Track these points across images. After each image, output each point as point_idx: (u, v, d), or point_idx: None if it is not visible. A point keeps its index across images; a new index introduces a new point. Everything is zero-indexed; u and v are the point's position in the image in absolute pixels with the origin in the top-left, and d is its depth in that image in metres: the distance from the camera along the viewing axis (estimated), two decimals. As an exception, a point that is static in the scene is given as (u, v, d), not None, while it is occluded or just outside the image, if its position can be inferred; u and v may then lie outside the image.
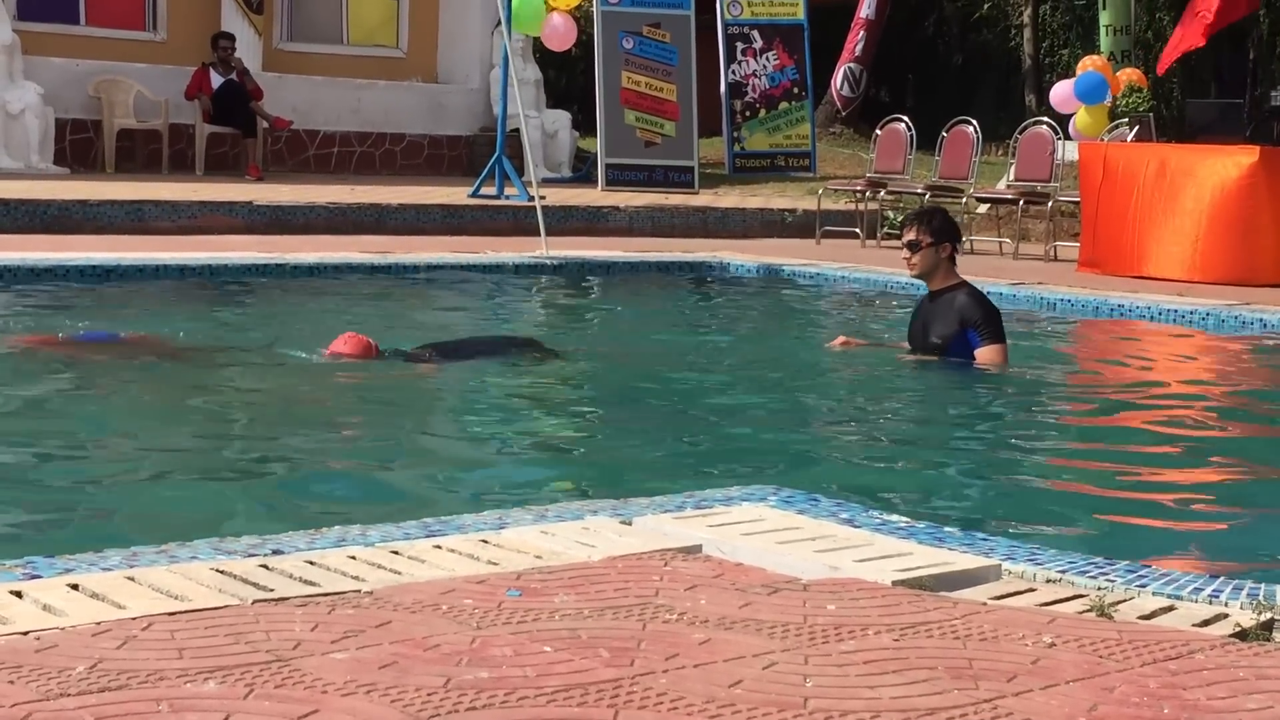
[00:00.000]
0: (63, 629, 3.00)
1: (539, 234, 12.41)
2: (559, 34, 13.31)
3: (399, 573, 3.48)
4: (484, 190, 15.58)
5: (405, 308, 10.29)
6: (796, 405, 7.20)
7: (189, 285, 10.51)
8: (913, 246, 7.48)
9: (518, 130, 16.38)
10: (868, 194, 15.26)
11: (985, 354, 7.37)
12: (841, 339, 7.85)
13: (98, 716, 2.53)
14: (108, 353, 7.48)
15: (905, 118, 15.65)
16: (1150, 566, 3.76)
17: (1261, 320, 10.09)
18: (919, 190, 14.97)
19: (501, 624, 3.11)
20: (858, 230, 15.34)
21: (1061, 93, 16.15)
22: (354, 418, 6.59)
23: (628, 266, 12.59)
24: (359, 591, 3.31)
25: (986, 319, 7.42)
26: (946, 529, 4.09)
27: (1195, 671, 2.97)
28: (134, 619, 3.07)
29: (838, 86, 23.57)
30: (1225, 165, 12.32)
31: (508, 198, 15.43)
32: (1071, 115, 16.13)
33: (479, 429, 6.57)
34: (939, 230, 7.50)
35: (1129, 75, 16.88)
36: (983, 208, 15.77)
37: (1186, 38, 17.08)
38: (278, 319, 9.28)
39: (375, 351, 7.34)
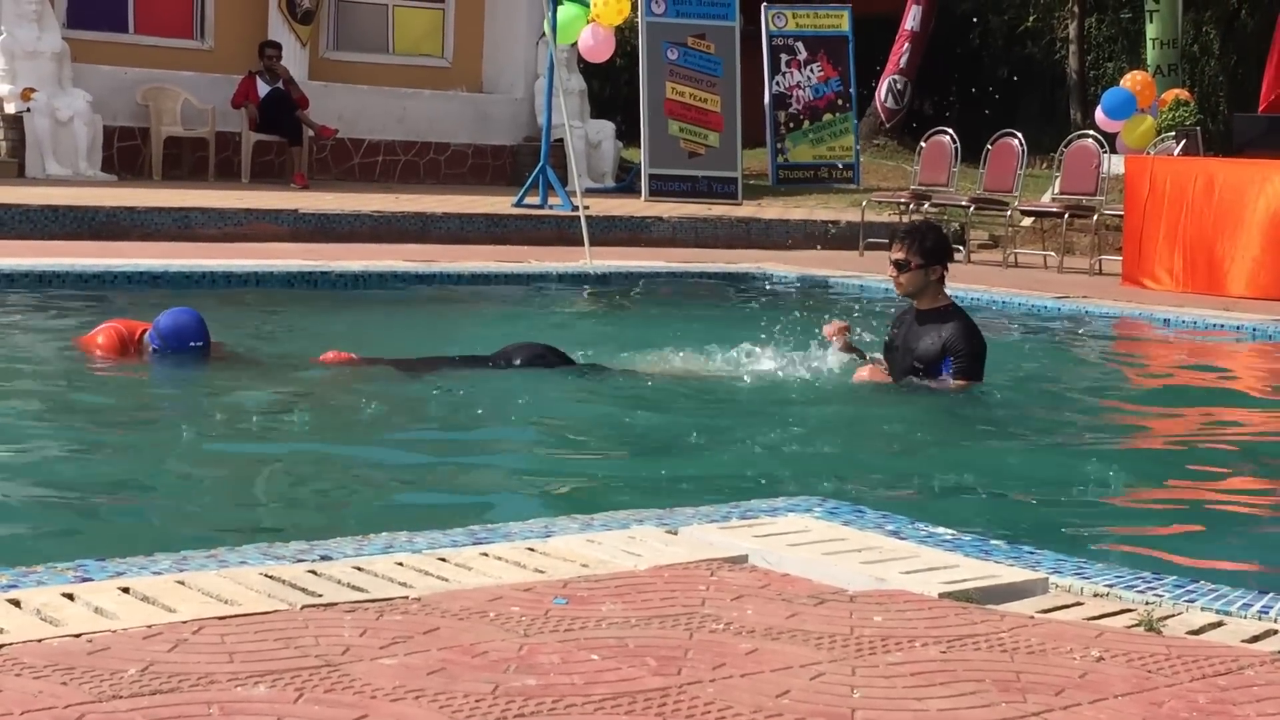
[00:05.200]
0: (114, 631, 3.03)
1: (582, 244, 12.43)
2: (594, 46, 13.34)
3: (446, 580, 3.49)
4: (528, 200, 15.62)
5: (448, 316, 10.32)
6: (840, 417, 7.18)
7: (234, 292, 10.56)
8: (901, 266, 7.10)
9: (562, 140, 16.46)
10: (912, 206, 15.22)
11: (951, 385, 7.09)
12: (842, 325, 7.44)
13: (150, 718, 2.55)
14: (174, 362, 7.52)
15: (950, 130, 15.62)
16: (1199, 582, 3.74)
17: (1309, 335, 10.03)
18: (963, 202, 14.95)
19: (549, 632, 3.12)
20: (901, 242, 15.29)
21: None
22: (399, 426, 6.61)
23: (671, 277, 12.60)
24: (407, 598, 3.33)
25: (969, 355, 7.08)
26: (993, 542, 4.08)
27: (1245, 688, 2.95)
28: (185, 622, 3.09)
29: (882, 98, 23.52)
30: (1273, 180, 12.25)
31: (551, 207, 15.46)
32: (1117, 132, 16.07)
33: (523, 437, 6.58)
34: (930, 251, 7.09)
35: (1176, 94, 16.82)
36: (1027, 220, 15.73)
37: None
38: (321, 327, 9.32)
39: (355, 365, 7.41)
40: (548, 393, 7.33)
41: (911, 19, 23.45)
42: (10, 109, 15.74)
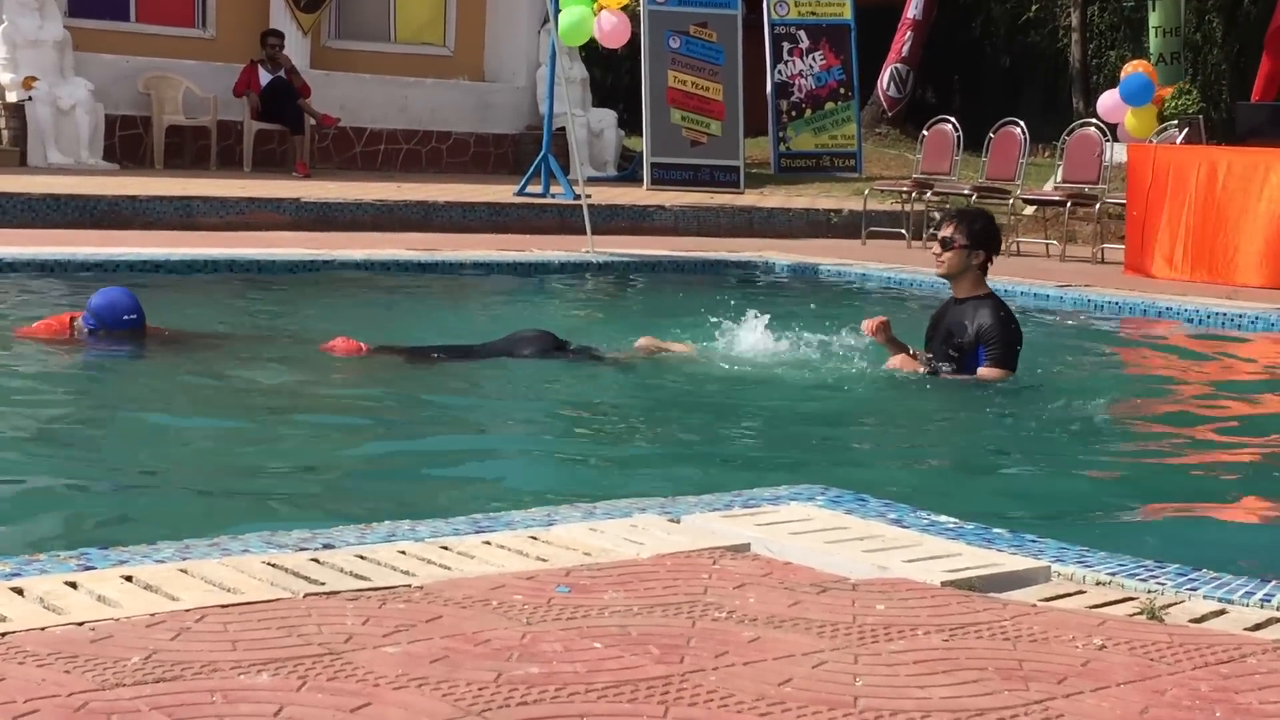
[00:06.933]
0: (117, 620, 3.03)
1: (584, 232, 12.43)
2: (611, 31, 13.33)
3: (449, 568, 3.49)
4: (530, 188, 15.61)
5: (449, 305, 10.32)
6: (844, 406, 7.19)
7: (236, 281, 10.57)
8: (945, 244, 7.09)
9: (564, 129, 16.44)
10: (914, 195, 15.23)
11: (984, 374, 7.05)
12: (879, 321, 7.32)
13: (153, 706, 2.55)
14: (135, 344, 7.54)
15: (952, 119, 15.61)
16: (1201, 570, 3.74)
17: (1312, 324, 10.02)
18: (965, 191, 14.93)
19: (551, 620, 3.12)
20: (904, 231, 15.31)
21: (1109, 102, 16.07)
22: (401, 414, 6.62)
23: (673, 265, 12.60)
24: (409, 586, 3.33)
25: (1002, 341, 7.04)
26: (995, 530, 4.08)
27: (1247, 675, 2.95)
28: (187, 611, 3.09)
29: (884, 87, 23.51)
30: (1276, 168, 12.23)
31: (553, 196, 15.46)
32: (1119, 121, 16.04)
33: (524, 427, 6.59)
34: (977, 235, 7.10)
35: (1177, 86, 16.82)
36: (1030, 209, 15.72)
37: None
38: (323, 315, 9.32)
39: (364, 354, 7.41)
40: (550, 381, 7.33)
41: (914, 7, 23.44)
42: (12, 97, 15.73)
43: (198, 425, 6.19)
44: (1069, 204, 14.51)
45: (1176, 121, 15.60)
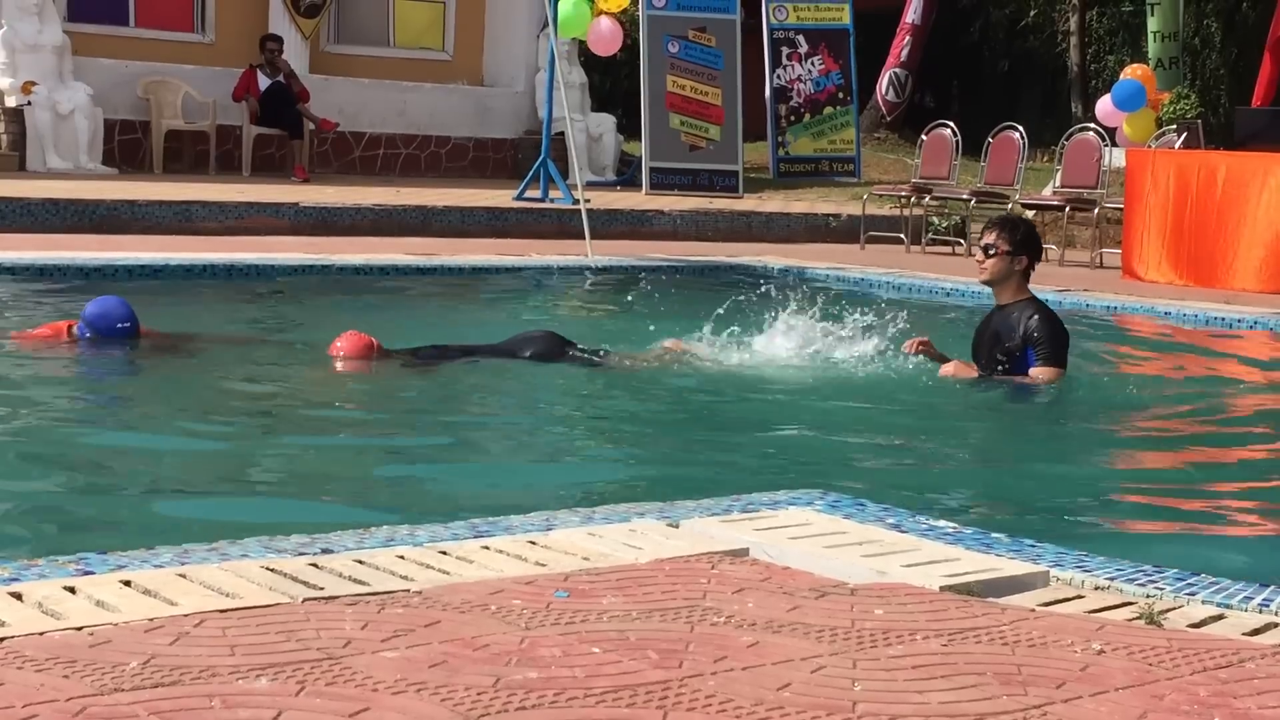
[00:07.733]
0: (116, 625, 3.03)
1: (583, 237, 12.43)
2: (605, 38, 13.37)
3: (447, 573, 3.49)
4: (529, 193, 15.62)
5: (448, 309, 10.32)
6: (843, 411, 7.19)
7: (235, 285, 10.56)
8: (988, 251, 7.20)
9: (563, 133, 16.45)
10: (913, 199, 15.23)
11: (1038, 374, 7.11)
12: (921, 340, 7.38)
13: (152, 712, 2.55)
14: (132, 349, 7.54)
15: (951, 123, 15.62)
16: (1199, 575, 3.74)
17: (1310, 328, 10.02)
18: (964, 196, 14.94)
19: (550, 625, 3.12)
20: (902, 235, 15.31)
21: (1107, 107, 16.10)
22: (400, 417, 6.62)
23: (671, 270, 12.60)
24: (408, 591, 3.33)
25: (1050, 341, 7.11)
26: (994, 535, 4.08)
27: (1245, 680, 2.95)
28: (186, 616, 3.09)
29: (883, 91, 23.52)
30: (1274, 173, 12.24)
31: (552, 201, 15.45)
32: (1118, 126, 16.06)
33: (524, 431, 6.59)
34: (1020, 241, 7.19)
35: (1176, 90, 16.84)
36: (1028, 214, 15.72)
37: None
38: (321, 320, 9.32)
39: (375, 350, 7.40)
40: (550, 383, 7.33)
41: (913, 12, 23.45)
42: (11, 102, 15.73)
43: (196, 430, 6.19)
44: (1068, 208, 14.52)
45: (1175, 126, 15.60)
